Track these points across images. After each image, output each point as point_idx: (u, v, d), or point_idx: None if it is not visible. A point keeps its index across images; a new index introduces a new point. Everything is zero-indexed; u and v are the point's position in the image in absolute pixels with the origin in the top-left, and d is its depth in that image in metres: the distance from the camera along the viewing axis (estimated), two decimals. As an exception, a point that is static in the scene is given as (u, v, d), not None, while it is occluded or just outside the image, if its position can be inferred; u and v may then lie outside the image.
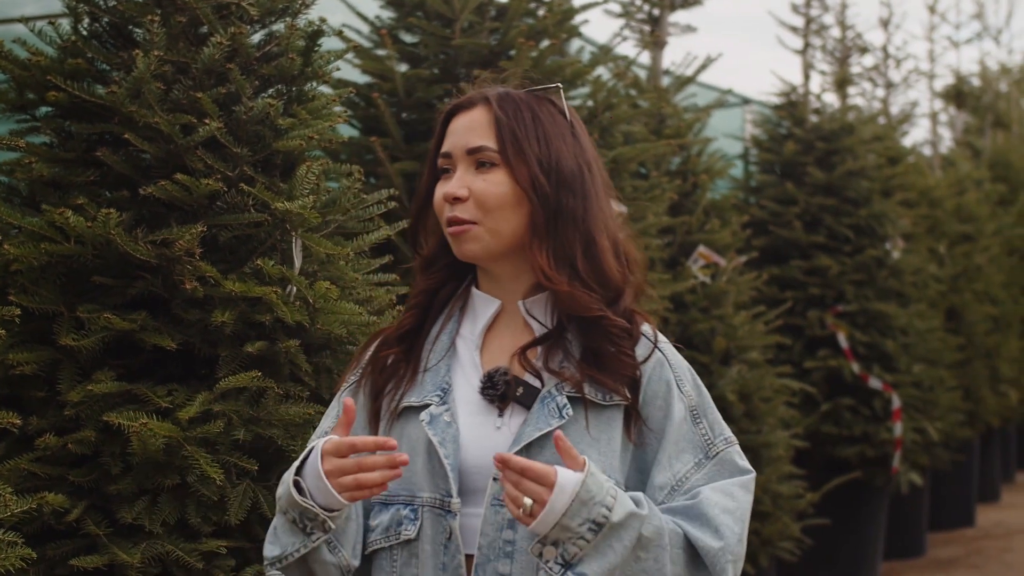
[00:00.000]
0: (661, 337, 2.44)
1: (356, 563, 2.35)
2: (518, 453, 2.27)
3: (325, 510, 2.27)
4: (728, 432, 2.45)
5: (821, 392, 8.06)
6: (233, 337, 3.33)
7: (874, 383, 8.09)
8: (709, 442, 2.41)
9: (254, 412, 3.28)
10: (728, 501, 2.35)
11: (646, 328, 2.41)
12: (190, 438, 3.17)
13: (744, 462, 2.44)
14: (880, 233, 8.47)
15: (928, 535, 10.00)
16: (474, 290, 2.45)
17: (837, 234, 8.35)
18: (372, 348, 2.48)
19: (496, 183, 2.36)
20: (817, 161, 8.44)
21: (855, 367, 8.06)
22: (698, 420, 2.41)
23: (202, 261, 3.29)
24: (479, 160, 2.37)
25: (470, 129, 2.39)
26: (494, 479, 2.28)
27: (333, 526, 2.28)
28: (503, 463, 2.18)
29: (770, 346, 6.94)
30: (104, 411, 3.16)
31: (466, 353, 2.42)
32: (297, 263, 3.41)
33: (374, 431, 2.42)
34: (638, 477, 2.37)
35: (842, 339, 8.07)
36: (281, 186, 3.46)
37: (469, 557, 2.30)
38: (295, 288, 3.37)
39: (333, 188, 3.66)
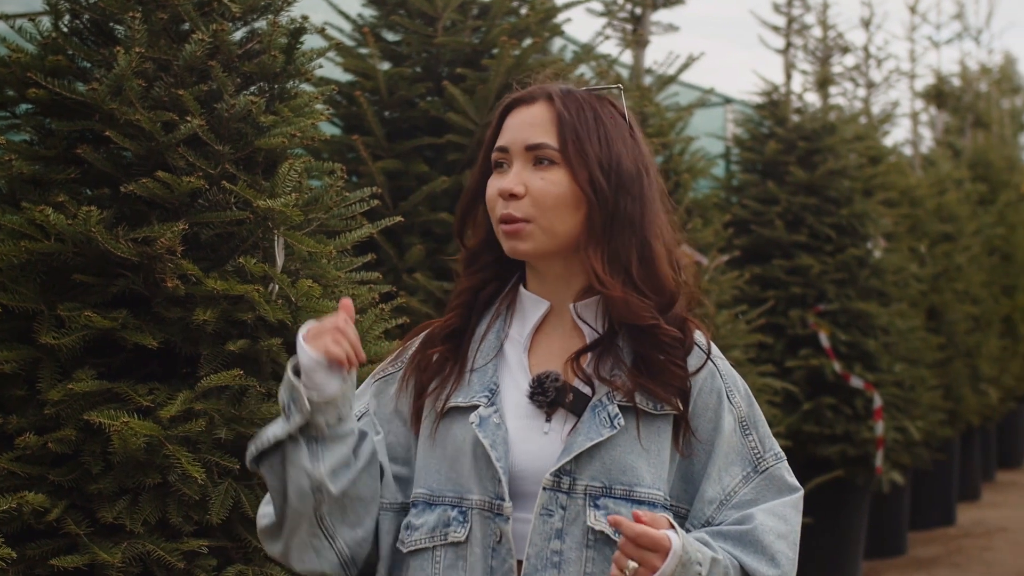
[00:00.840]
0: (714, 348, 2.38)
1: (333, 488, 2.28)
2: (568, 463, 2.25)
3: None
4: (778, 447, 2.41)
5: (803, 391, 8.07)
6: (215, 335, 3.31)
7: (855, 382, 8.10)
8: (759, 456, 2.37)
9: (236, 411, 3.26)
10: (781, 525, 2.33)
11: (699, 337, 2.35)
12: (171, 437, 3.15)
13: (792, 479, 2.40)
14: (861, 232, 8.49)
15: (909, 534, 10.03)
16: (522, 290, 2.40)
17: (819, 233, 8.36)
18: (417, 341, 2.44)
19: (554, 182, 2.31)
20: (799, 160, 8.45)
21: (837, 366, 8.07)
22: (747, 432, 2.37)
23: (184, 259, 3.27)
24: (538, 157, 2.32)
25: (531, 125, 2.33)
26: (544, 488, 2.25)
27: (310, 402, 2.24)
28: (616, 525, 2.15)
29: (752, 345, 6.93)
30: (85, 410, 3.14)
31: (513, 355, 2.36)
32: (279, 261, 3.40)
33: (415, 429, 2.38)
34: (682, 487, 2.33)
35: (824, 338, 8.08)
36: (263, 184, 3.44)
37: (518, 562, 2.26)
38: (277, 286, 3.36)
39: (315, 186, 3.65)
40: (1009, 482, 13.48)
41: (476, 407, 2.31)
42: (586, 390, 2.30)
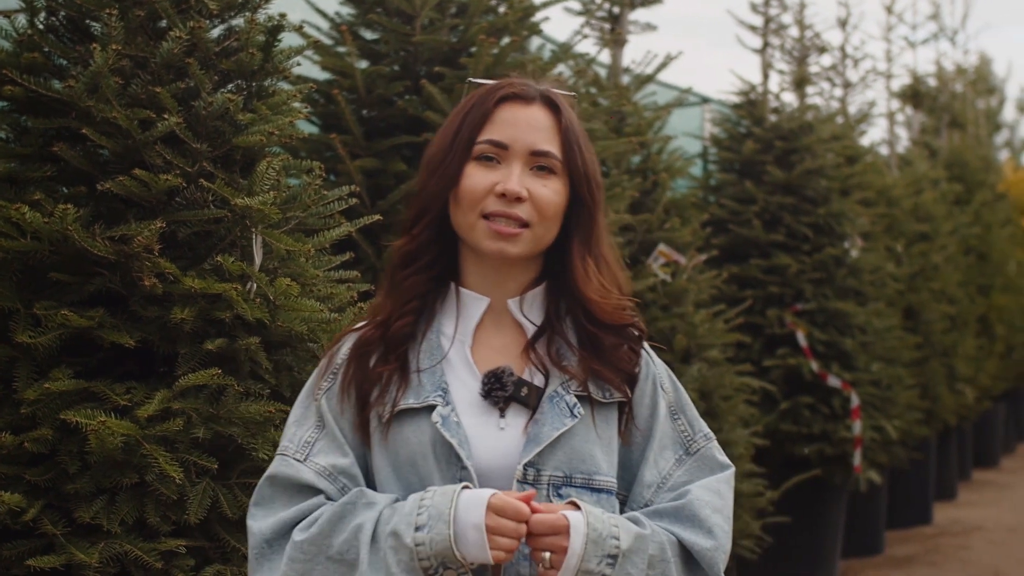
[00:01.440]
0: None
1: None
2: (539, 454, 2.27)
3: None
4: (706, 428, 2.46)
5: (780, 390, 8.08)
6: (192, 334, 3.30)
7: (833, 381, 8.11)
8: (689, 438, 2.42)
9: (214, 410, 3.25)
10: (716, 499, 2.37)
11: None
12: (149, 436, 3.14)
13: (724, 457, 2.45)
14: (839, 232, 8.50)
15: (886, 533, 10.05)
16: (462, 289, 2.39)
17: (796, 233, 8.37)
18: (344, 351, 2.39)
19: (556, 192, 2.32)
20: (776, 160, 8.46)
21: (814, 365, 8.08)
22: (676, 417, 2.42)
23: (161, 257, 3.25)
24: (540, 164, 2.32)
25: (535, 128, 2.33)
26: (516, 480, 2.26)
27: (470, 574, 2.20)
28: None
29: (730, 344, 6.94)
30: (61, 409, 3.12)
31: (457, 353, 2.36)
32: (257, 260, 3.38)
33: (363, 439, 2.34)
34: (619, 473, 2.37)
35: (801, 337, 8.09)
36: (241, 182, 3.43)
37: None
38: (255, 285, 3.34)
39: (294, 184, 3.63)
40: (985, 481, 13.52)
41: (433, 407, 2.30)
42: (539, 382, 2.32)
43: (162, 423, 3.16)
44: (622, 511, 2.35)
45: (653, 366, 2.42)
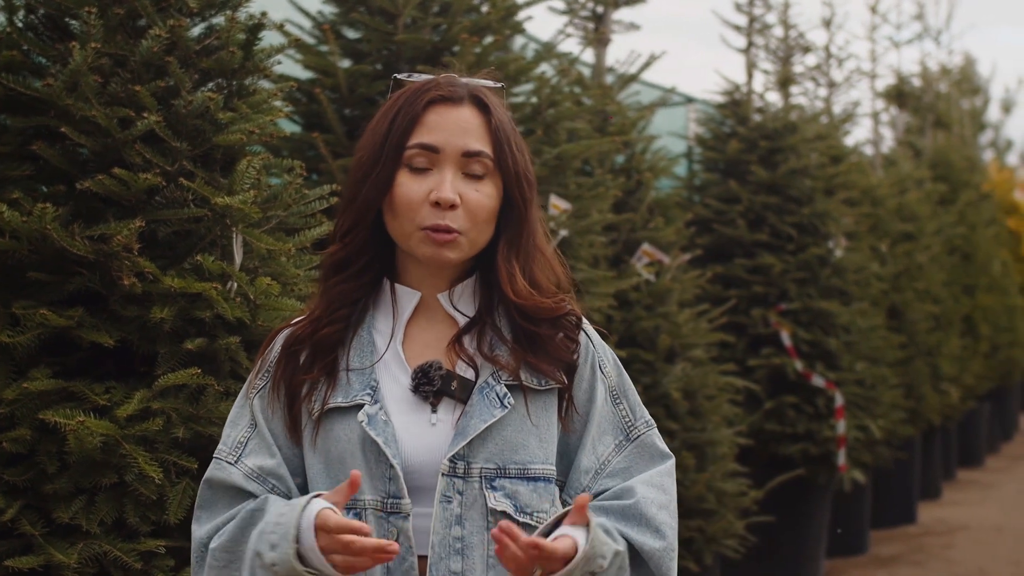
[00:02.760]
0: (584, 320, 2.42)
1: None
2: (465, 447, 2.25)
3: None
4: (648, 415, 2.44)
5: (765, 390, 8.08)
6: (172, 334, 3.29)
7: (817, 381, 8.12)
8: (630, 424, 2.40)
9: (194, 410, 3.24)
10: (661, 495, 2.35)
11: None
12: (128, 436, 3.13)
13: (664, 446, 2.43)
14: (823, 231, 8.51)
15: (870, 532, 10.06)
16: (397, 285, 2.36)
17: (780, 232, 8.37)
18: (277, 348, 2.37)
19: (489, 195, 2.30)
20: (760, 159, 8.46)
21: (798, 365, 8.09)
22: (618, 401, 2.40)
23: (140, 257, 3.24)
24: (472, 166, 2.29)
25: (465, 130, 2.29)
26: (442, 474, 2.25)
27: None
28: (533, 546, 2.13)
29: (714, 344, 6.95)
30: (40, 409, 3.11)
31: (388, 350, 2.34)
32: (237, 259, 3.38)
33: (295, 437, 2.32)
34: (558, 458, 2.35)
35: (785, 337, 8.10)
36: (221, 181, 3.42)
37: (420, 558, 2.26)
38: (236, 284, 3.33)
39: (275, 184, 3.62)
40: (970, 481, 13.54)
41: (360, 405, 2.28)
42: (469, 375, 2.31)
43: (141, 423, 3.15)
44: (560, 497, 2.35)
45: (593, 349, 2.39)
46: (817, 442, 8.13)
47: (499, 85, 2.40)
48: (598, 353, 2.40)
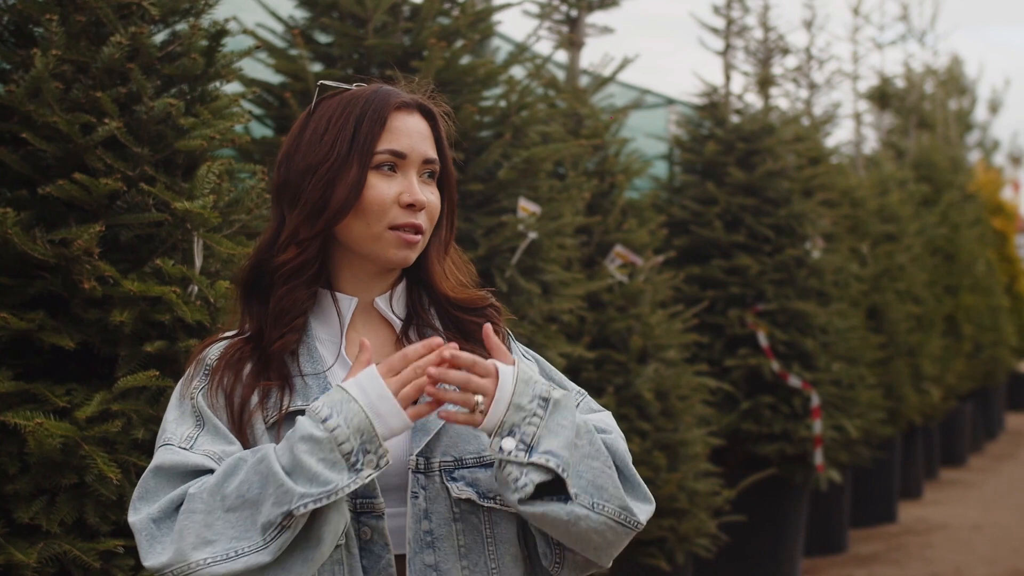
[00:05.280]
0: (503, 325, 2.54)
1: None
2: (429, 443, 2.31)
3: None
4: (577, 387, 2.52)
5: (741, 390, 8.14)
6: (133, 336, 3.33)
7: (793, 381, 8.17)
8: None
9: (154, 411, 3.28)
10: (598, 421, 2.44)
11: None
12: (88, 438, 3.17)
13: (598, 406, 2.51)
14: (800, 233, 8.55)
15: (850, 531, 10.11)
16: (337, 293, 2.40)
17: (757, 234, 8.42)
18: (214, 354, 2.37)
19: (439, 199, 2.41)
20: (737, 161, 8.51)
21: (775, 365, 8.14)
22: (548, 379, 2.47)
23: (101, 261, 3.28)
24: (428, 171, 2.39)
25: (424, 137, 2.39)
26: (412, 471, 2.29)
27: (389, 460, 2.19)
28: (452, 361, 2.20)
29: (688, 345, 6.99)
30: (1, 411, 3.14)
31: (332, 355, 2.38)
32: (198, 263, 3.42)
33: (241, 442, 2.29)
34: None
35: (762, 337, 8.15)
36: (183, 186, 3.46)
37: (397, 557, 2.29)
38: (196, 288, 3.38)
39: (239, 188, 3.66)
40: (952, 480, 13.61)
41: None
42: None
43: (101, 424, 3.19)
44: None
45: (513, 342, 2.51)
46: (793, 442, 8.18)
47: (446, 111, 2.50)
48: (516, 346, 2.51)
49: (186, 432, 2.30)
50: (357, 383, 2.19)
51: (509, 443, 2.22)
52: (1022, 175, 25.22)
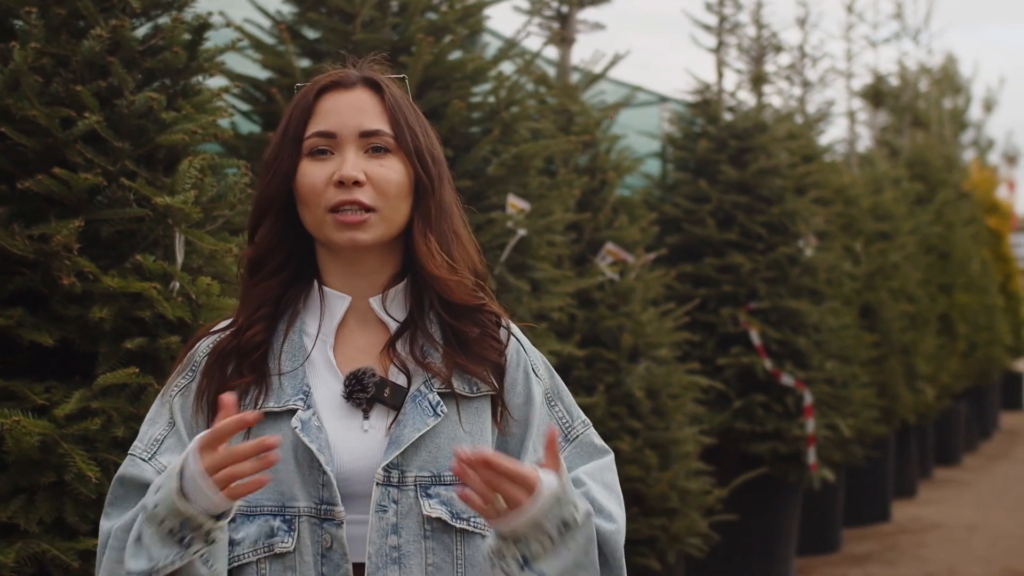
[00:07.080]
0: (511, 323, 2.42)
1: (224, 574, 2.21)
2: (399, 456, 2.24)
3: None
4: (583, 415, 2.44)
5: (734, 389, 8.10)
6: (113, 333, 3.29)
7: (786, 380, 8.14)
8: (568, 425, 2.41)
9: (134, 409, 3.24)
10: (604, 490, 2.36)
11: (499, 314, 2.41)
12: (67, 436, 3.13)
13: (601, 442, 2.43)
14: (793, 231, 8.52)
15: (844, 531, 10.08)
16: (326, 288, 2.36)
17: (750, 232, 8.39)
18: (203, 350, 2.36)
19: (394, 170, 2.29)
20: (730, 159, 8.48)
21: (767, 364, 8.11)
22: (553, 404, 2.40)
23: (81, 256, 3.24)
24: (373, 144, 2.29)
25: (360, 110, 2.29)
26: (377, 484, 2.23)
27: (217, 537, 2.15)
28: (486, 464, 2.09)
29: (680, 343, 6.95)
30: (-21, 409, 3.11)
31: (319, 355, 2.33)
32: (179, 259, 3.38)
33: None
34: None
35: (754, 336, 8.12)
36: (164, 181, 3.42)
37: (355, 566, 2.24)
38: (178, 284, 3.34)
39: (222, 183, 3.63)
40: (947, 479, 13.59)
41: (294, 411, 2.26)
42: (402, 382, 2.30)
43: (80, 422, 3.15)
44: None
45: (524, 353, 2.39)
46: (786, 441, 8.15)
47: (401, 76, 2.42)
48: (529, 358, 2.40)
49: (155, 435, 2.32)
50: (191, 450, 2.12)
51: (510, 549, 2.15)
52: (1017, 174, 25.23)
